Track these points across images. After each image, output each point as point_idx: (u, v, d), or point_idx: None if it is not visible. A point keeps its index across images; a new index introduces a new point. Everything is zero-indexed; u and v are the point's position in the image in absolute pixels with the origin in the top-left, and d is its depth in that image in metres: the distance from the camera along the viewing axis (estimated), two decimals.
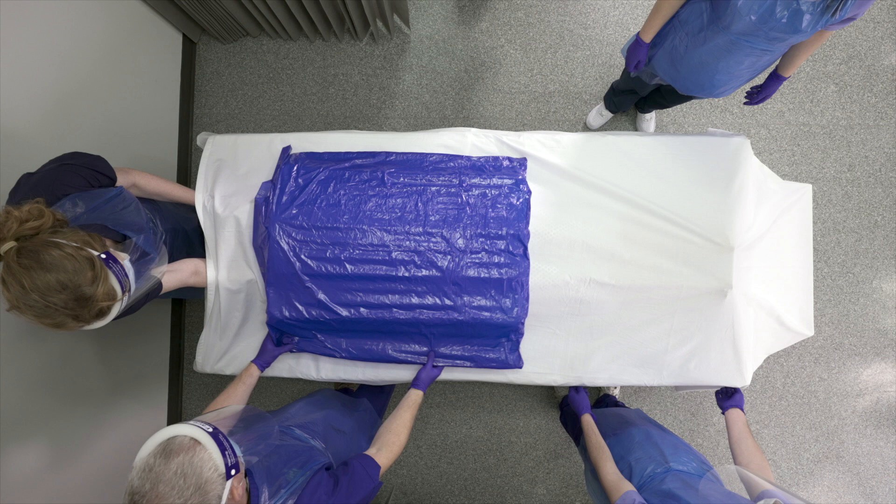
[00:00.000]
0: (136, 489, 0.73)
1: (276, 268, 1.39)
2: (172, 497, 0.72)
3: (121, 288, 0.99)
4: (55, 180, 1.08)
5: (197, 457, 0.76)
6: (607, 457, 1.26)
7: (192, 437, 0.78)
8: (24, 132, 1.49)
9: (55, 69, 1.60)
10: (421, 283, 1.39)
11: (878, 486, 2.31)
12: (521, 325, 1.43)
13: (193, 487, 0.73)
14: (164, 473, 0.73)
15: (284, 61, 2.39)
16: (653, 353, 1.48)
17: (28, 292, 0.88)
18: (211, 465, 0.76)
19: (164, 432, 0.79)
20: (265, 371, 1.43)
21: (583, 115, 2.34)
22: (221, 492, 0.76)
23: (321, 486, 0.95)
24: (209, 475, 0.75)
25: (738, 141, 1.49)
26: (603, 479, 1.20)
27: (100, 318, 0.97)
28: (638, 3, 2.33)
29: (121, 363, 1.98)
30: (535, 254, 1.43)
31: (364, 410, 1.60)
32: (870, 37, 2.32)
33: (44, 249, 0.90)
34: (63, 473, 1.69)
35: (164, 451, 0.76)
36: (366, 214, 1.41)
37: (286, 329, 1.45)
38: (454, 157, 1.50)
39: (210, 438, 0.79)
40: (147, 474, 0.73)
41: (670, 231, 1.44)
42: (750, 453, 1.22)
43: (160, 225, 1.45)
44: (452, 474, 2.33)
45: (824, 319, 2.31)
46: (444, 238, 1.40)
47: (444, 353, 1.46)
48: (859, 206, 2.32)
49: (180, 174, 2.31)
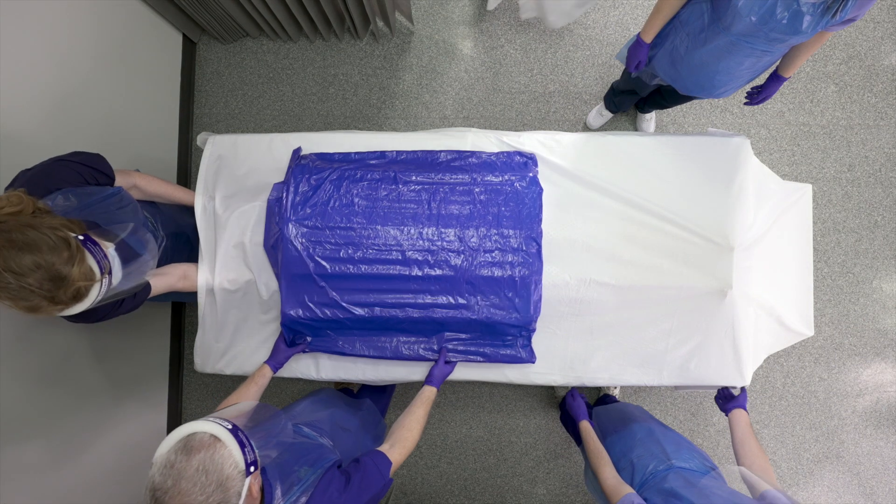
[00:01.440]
0: (157, 485, 0.73)
1: (289, 268, 1.39)
2: (195, 494, 0.72)
3: (99, 269, 0.97)
4: (48, 175, 1.08)
5: (218, 453, 0.76)
6: (606, 462, 1.27)
7: (212, 434, 0.78)
8: (25, 132, 1.49)
9: (55, 69, 1.60)
10: (434, 283, 1.39)
11: (878, 486, 2.31)
12: (534, 323, 1.43)
13: (215, 484, 0.73)
14: (186, 470, 0.73)
15: (284, 61, 2.39)
16: (653, 353, 1.48)
17: (1, 273, 0.86)
18: (231, 462, 0.76)
19: (184, 429, 0.79)
20: (277, 372, 1.42)
21: (583, 115, 2.34)
22: (241, 489, 0.77)
23: (333, 484, 0.95)
24: (230, 472, 0.76)
25: (738, 141, 1.49)
26: (603, 483, 1.21)
27: (77, 300, 0.95)
28: (638, 3, 2.33)
29: (121, 364, 1.98)
30: None
31: (367, 410, 1.60)
32: (870, 37, 2.32)
33: (17, 230, 0.88)
34: (63, 473, 1.69)
35: (185, 448, 0.75)
36: (379, 214, 1.41)
37: (299, 328, 1.45)
38: (466, 154, 1.50)
39: (230, 435, 0.79)
40: (168, 471, 0.73)
41: (670, 231, 1.44)
42: (753, 455, 1.22)
43: (161, 230, 1.45)
44: (452, 474, 2.33)
45: (824, 319, 2.31)
46: (458, 237, 1.40)
47: (458, 349, 1.46)
48: (859, 206, 2.32)
49: (180, 174, 2.31)
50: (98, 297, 0.99)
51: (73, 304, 0.95)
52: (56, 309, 0.93)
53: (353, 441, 1.33)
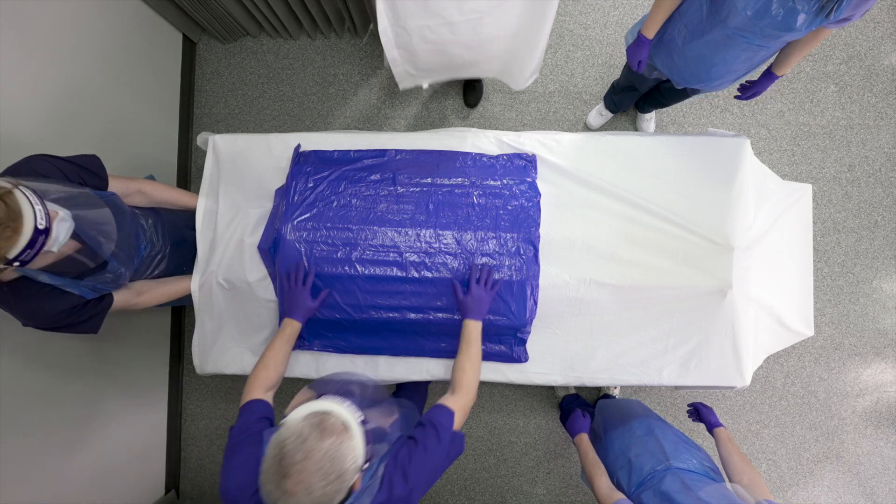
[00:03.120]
0: (288, 452, 0.75)
1: (286, 268, 1.39)
2: (317, 478, 0.74)
3: (12, 185, 0.92)
4: (22, 166, 1.07)
5: (346, 444, 0.78)
6: (602, 472, 1.28)
7: (344, 422, 0.80)
8: (24, 132, 1.49)
9: (55, 69, 1.60)
10: (431, 285, 1.39)
11: (878, 486, 2.31)
12: (529, 325, 1.43)
13: (335, 474, 0.76)
14: (317, 451, 0.75)
15: (284, 61, 2.39)
16: (653, 353, 1.48)
17: None
18: (353, 456, 0.79)
19: (320, 404, 0.82)
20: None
21: (583, 115, 2.34)
22: (352, 482, 0.79)
23: (402, 450, 0.96)
24: (349, 466, 0.78)
25: (738, 141, 1.48)
26: (597, 492, 1.23)
27: (14, 216, 0.89)
28: (638, 3, 2.33)
29: (121, 364, 1.98)
30: None
31: (407, 408, 1.57)
32: (870, 37, 2.32)
33: None
34: (63, 473, 1.69)
35: (319, 425, 0.77)
36: (377, 215, 1.41)
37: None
38: (465, 156, 1.50)
39: (359, 429, 0.81)
40: (301, 444, 0.75)
41: (670, 231, 1.44)
42: (740, 471, 1.23)
43: (163, 238, 1.44)
44: (452, 474, 2.33)
45: (824, 319, 2.31)
46: (456, 240, 1.40)
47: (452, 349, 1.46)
48: (859, 206, 2.32)
49: (180, 174, 2.31)
50: (37, 209, 0.92)
51: (17, 221, 0.89)
52: (8, 233, 0.89)
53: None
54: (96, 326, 1.24)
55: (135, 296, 1.34)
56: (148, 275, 1.44)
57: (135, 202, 1.36)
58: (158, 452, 2.22)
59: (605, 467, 1.32)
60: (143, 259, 1.38)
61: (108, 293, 1.24)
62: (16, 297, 1.08)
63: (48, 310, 1.12)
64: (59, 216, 0.99)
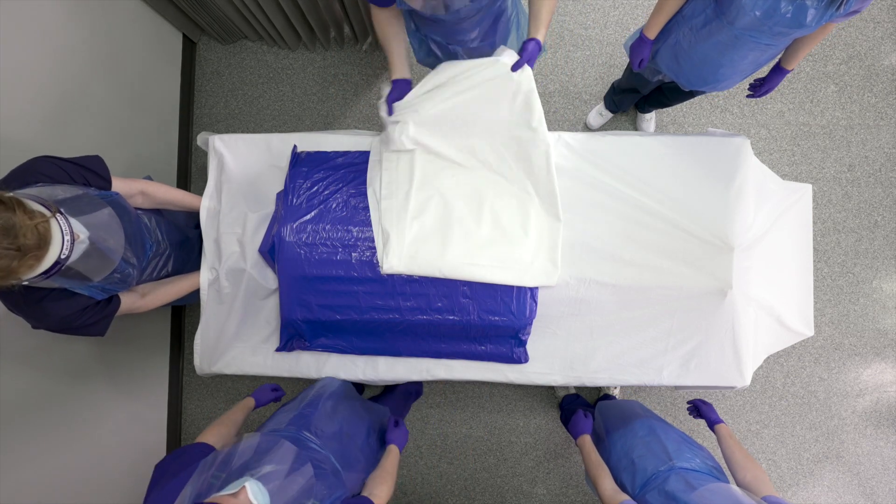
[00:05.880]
0: None
1: (287, 270, 1.39)
2: None
3: (45, 208, 0.93)
4: (27, 169, 1.07)
5: None
6: (606, 474, 1.26)
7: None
8: (24, 133, 1.49)
9: (55, 69, 1.59)
10: (431, 287, 1.39)
11: (878, 486, 2.31)
12: (529, 325, 1.43)
13: None
14: None
15: (284, 61, 2.39)
16: (653, 353, 1.48)
17: None
18: None
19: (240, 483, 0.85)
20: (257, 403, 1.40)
21: (583, 115, 2.34)
22: None
23: None
24: None
25: (738, 141, 1.49)
26: (601, 494, 1.22)
27: (44, 243, 0.90)
28: (638, 2, 2.33)
29: (121, 364, 1.98)
30: None
31: (380, 414, 1.57)
32: (870, 37, 2.32)
33: None
34: (62, 473, 1.69)
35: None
36: None
37: (299, 329, 1.45)
38: None
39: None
40: None
41: (670, 231, 1.44)
42: (744, 468, 1.22)
43: (165, 239, 1.44)
44: (452, 474, 2.33)
45: (824, 319, 2.31)
46: None
47: (452, 350, 1.46)
48: (859, 206, 2.32)
49: (180, 174, 2.31)
50: (66, 239, 0.94)
51: (43, 249, 0.91)
52: (31, 261, 0.89)
53: (355, 447, 1.31)
54: (104, 329, 1.24)
55: (139, 298, 1.34)
56: (155, 276, 1.43)
57: (137, 203, 1.36)
58: (158, 452, 2.22)
59: (608, 469, 1.31)
60: (150, 259, 1.37)
61: (115, 295, 1.24)
62: (26, 301, 1.08)
63: (58, 312, 1.12)
64: (80, 238, 1.00)
